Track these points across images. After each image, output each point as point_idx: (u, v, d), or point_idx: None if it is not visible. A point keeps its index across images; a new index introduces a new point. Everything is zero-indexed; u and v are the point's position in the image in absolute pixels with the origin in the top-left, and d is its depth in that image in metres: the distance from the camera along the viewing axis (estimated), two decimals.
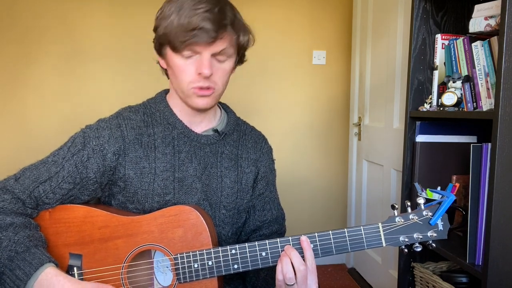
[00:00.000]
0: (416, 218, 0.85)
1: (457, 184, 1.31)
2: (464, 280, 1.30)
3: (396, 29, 2.01)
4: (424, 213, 0.85)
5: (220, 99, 1.02)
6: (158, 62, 1.02)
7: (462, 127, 1.46)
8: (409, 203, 0.87)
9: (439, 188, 1.33)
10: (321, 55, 2.70)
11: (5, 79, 2.46)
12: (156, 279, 0.92)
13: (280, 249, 0.85)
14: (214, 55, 0.91)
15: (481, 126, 1.45)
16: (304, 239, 0.84)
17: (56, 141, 0.99)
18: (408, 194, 1.50)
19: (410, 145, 1.46)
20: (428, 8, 1.46)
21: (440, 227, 0.85)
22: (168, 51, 0.92)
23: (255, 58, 2.68)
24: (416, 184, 1.37)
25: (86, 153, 0.91)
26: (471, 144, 1.13)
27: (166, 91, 1.05)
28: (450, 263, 1.44)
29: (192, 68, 0.91)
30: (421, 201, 0.86)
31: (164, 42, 0.92)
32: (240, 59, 1.02)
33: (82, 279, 0.88)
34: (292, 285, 0.82)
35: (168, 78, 1.02)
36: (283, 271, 0.82)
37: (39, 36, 2.45)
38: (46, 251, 0.85)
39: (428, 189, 1.32)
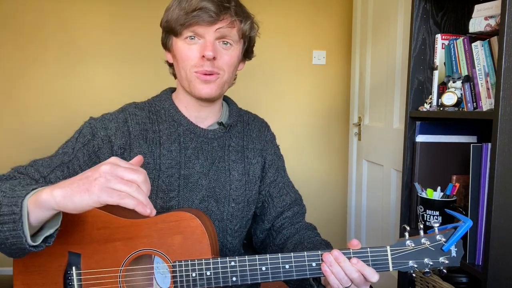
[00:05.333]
0: (428, 243, 0.78)
1: (457, 184, 1.31)
2: (464, 280, 1.30)
3: (396, 29, 2.01)
4: (438, 237, 0.78)
5: (225, 92, 1.00)
6: (167, 62, 1.01)
7: (462, 127, 1.46)
8: (421, 226, 0.80)
9: (439, 188, 1.33)
10: (321, 55, 2.70)
11: (4, 78, 2.46)
12: (156, 282, 0.92)
13: (281, 265, 0.81)
14: (219, 40, 0.90)
15: (481, 126, 1.46)
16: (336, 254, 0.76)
17: (55, 141, 0.99)
18: (408, 194, 1.50)
19: (410, 145, 1.47)
20: (428, 8, 1.46)
21: (454, 254, 0.78)
22: (173, 41, 0.93)
23: (255, 58, 2.68)
24: (416, 184, 1.37)
25: (97, 143, 0.91)
26: (471, 144, 1.13)
27: (172, 89, 1.04)
28: None
29: (195, 52, 0.90)
30: (436, 224, 0.79)
31: (168, 31, 0.93)
32: (247, 50, 1.00)
33: (80, 279, 0.88)
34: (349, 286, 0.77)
35: (175, 78, 1.00)
36: (338, 277, 0.75)
37: (38, 36, 2.45)
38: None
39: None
